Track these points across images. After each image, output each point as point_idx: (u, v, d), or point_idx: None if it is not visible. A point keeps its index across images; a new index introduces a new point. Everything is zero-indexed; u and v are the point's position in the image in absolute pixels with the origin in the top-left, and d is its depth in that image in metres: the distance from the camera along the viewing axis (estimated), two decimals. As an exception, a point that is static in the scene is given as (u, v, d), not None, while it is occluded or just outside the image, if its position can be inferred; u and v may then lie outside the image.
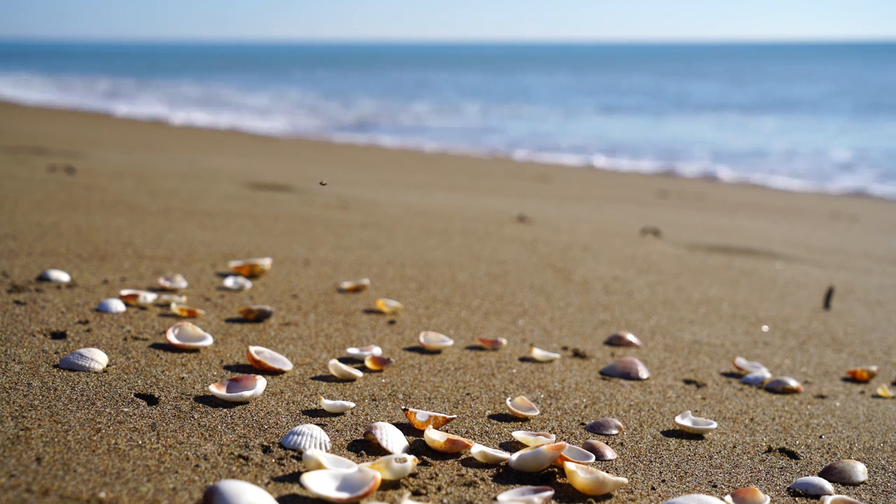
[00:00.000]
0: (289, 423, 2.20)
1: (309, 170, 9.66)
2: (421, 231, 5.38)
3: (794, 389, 2.87)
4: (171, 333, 2.70)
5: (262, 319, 3.13)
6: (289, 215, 5.59)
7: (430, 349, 2.98)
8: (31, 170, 6.84)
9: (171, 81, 39.05)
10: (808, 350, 3.44)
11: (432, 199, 7.39)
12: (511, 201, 7.85)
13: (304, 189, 7.21)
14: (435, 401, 2.50)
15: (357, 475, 1.84)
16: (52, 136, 11.34)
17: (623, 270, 4.64)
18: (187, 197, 6.00)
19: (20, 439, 1.93)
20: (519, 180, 10.65)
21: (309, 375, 2.61)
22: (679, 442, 2.35)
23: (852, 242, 6.88)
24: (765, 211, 9.14)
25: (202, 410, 2.22)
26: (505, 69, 61.33)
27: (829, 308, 4.18)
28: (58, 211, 4.89)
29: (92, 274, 3.56)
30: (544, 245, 5.22)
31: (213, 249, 4.24)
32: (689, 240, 6.03)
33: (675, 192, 10.42)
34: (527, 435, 2.21)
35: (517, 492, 1.88)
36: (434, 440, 2.09)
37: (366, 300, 3.57)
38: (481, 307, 3.64)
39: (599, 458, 2.17)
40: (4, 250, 3.79)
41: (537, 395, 2.63)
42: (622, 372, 2.88)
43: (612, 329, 3.48)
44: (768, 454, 2.31)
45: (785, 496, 2.06)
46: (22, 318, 2.85)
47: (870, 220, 8.85)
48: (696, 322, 3.71)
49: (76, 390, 2.26)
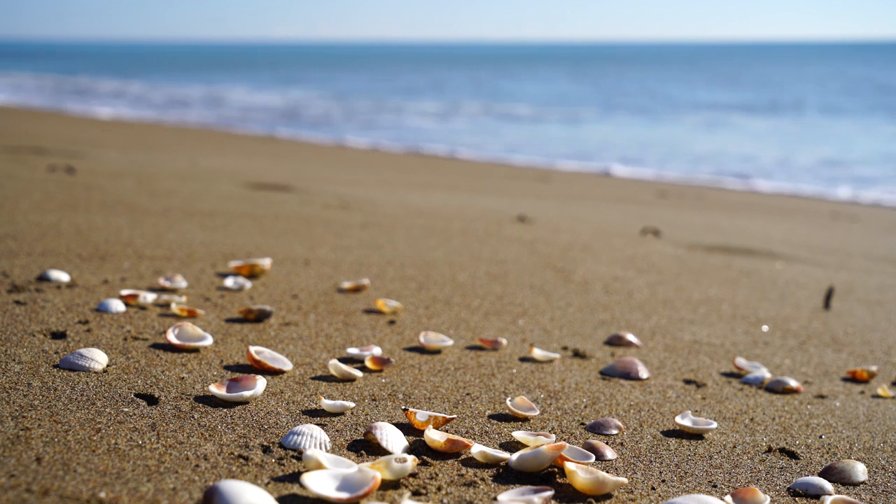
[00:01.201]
0: (289, 423, 2.20)
1: (309, 170, 9.66)
2: (421, 231, 5.38)
3: (794, 389, 2.87)
4: (171, 333, 2.70)
5: (262, 319, 3.13)
6: (289, 215, 5.59)
7: (430, 349, 2.98)
8: (31, 170, 6.84)
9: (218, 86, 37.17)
10: (808, 350, 3.44)
11: (432, 199, 7.40)
12: (511, 201, 7.85)
13: (304, 189, 7.21)
14: (435, 401, 2.50)
15: (357, 475, 1.84)
16: (52, 136, 11.34)
17: (623, 270, 4.64)
18: (187, 197, 6.00)
19: (20, 439, 1.93)
20: (519, 181, 10.64)
21: (309, 375, 2.61)
22: (679, 442, 2.35)
23: (852, 242, 6.88)
24: (765, 211, 9.14)
25: (202, 410, 2.22)
26: (506, 69, 61.32)
27: (829, 308, 4.18)
28: (58, 211, 4.89)
29: (92, 274, 3.56)
30: (544, 245, 5.22)
31: (213, 249, 4.24)
32: (689, 240, 6.03)
33: (675, 193, 10.41)
34: (527, 435, 2.21)
35: (517, 492, 1.88)
36: (434, 440, 2.09)
37: (366, 300, 3.57)
38: (481, 307, 3.64)
39: (599, 458, 2.17)
40: (4, 250, 3.79)
41: (537, 395, 2.63)
42: (622, 372, 2.88)
43: (612, 329, 3.48)
44: (768, 454, 2.31)
45: (785, 496, 2.06)
46: (22, 318, 2.85)
47: (870, 220, 8.85)
48: (696, 322, 3.71)
49: (76, 390, 2.26)
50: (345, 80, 44.31)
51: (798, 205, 10.22)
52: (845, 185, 12.88)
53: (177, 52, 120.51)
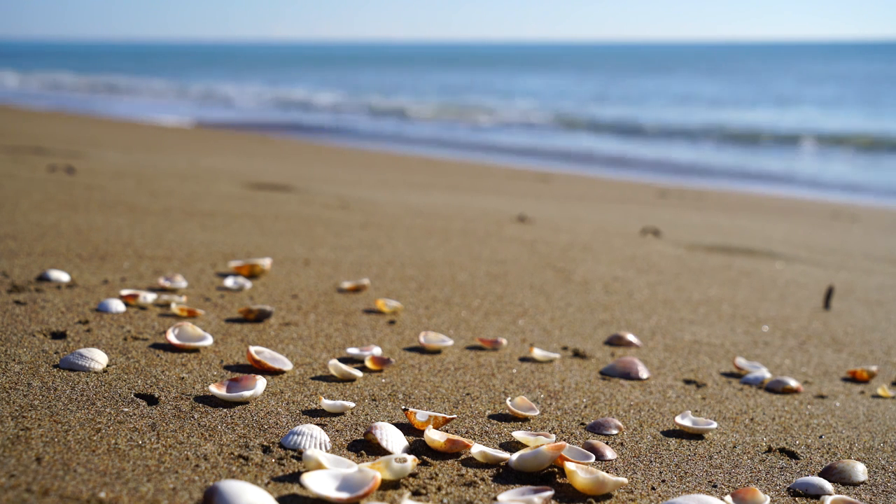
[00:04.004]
0: (289, 423, 2.20)
1: (309, 170, 9.66)
2: (421, 231, 5.38)
3: (794, 389, 2.87)
4: (171, 333, 2.70)
5: (262, 319, 3.13)
6: (289, 215, 5.59)
7: (430, 349, 2.98)
8: (31, 170, 6.84)
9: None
10: (808, 350, 3.44)
11: (432, 199, 7.40)
12: (511, 201, 7.85)
13: (304, 189, 7.21)
14: (435, 401, 2.50)
15: (357, 475, 1.84)
16: (52, 136, 11.34)
17: (623, 270, 4.64)
18: (187, 197, 6.00)
19: (20, 439, 1.93)
20: (519, 181, 10.64)
21: (309, 375, 2.61)
22: (679, 442, 2.35)
23: (852, 242, 6.88)
24: (765, 211, 9.14)
25: (202, 410, 2.22)
26: (506, 69, 61.30)
27: (829, 308, 4.18)
28: (58, 211, 4.89)
29: (92, 274, 3.56)
30: (544, 245, 5.22)
31: (213, 249, 4.24)
32: (689, 240, 6.03)
33: (675, 193, 10.41)
34: (527, 435, 2.21)
35: (517, 492, 1.88)
36: (434, 440, 2.09)
37: (366, 300, 3.57)
38: (481, 307, 3.64)
39: (599, 458, 2.17)
40: (4, 250, 3.79)
41: (537, 395, 2.63)
42: (622, 372, 2.88)
43: (612, 329, 3.48)
44: (768, 454, 2.31)
45: (785, 496, 2.06)
46: (22, 318, 2.85)
47: (870, 220, 8.85)
48: (696, 322, 3.71)
49: (76, 390, 2.26)
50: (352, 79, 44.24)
51: (798, 205, 10.22)
52: (846, 184, 12.86)
53: (176, 52, 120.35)
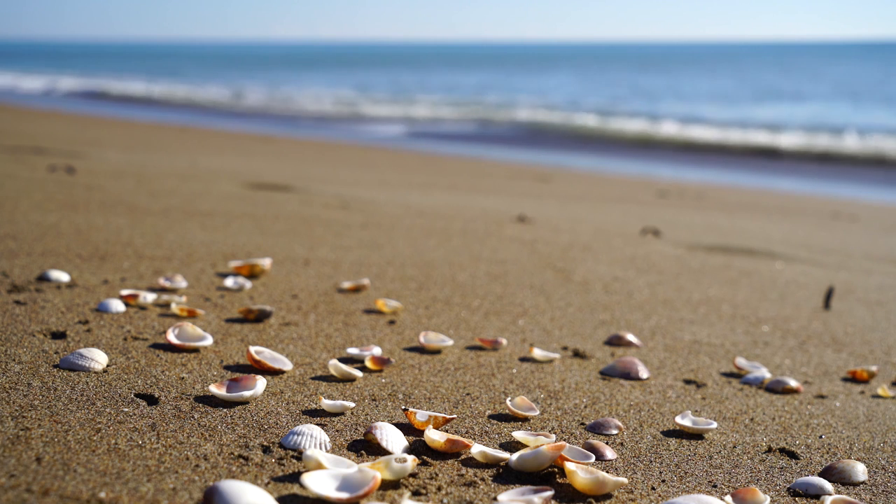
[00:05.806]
0: (289, 423, 2.20)
1: (309, 170, 9.66)
2: (421, 231, 5.38)
3: (794, 389, 2.87)
4: (171, 333, 2.70)
5: (262, 319, 3.13)
6: (289, 215, 5.59)
7: (430, 349, 2.98)
8: (31, 170, 6.84)
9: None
10: (808, 350, 3.44)
11: (432, 199, 7.40)
12: (511, 201, 7.85)
13: (303, 189, 7.21)
14: (435, 401, 2.50)
15: (357, 475, 1.84)
16: (52, 136, 11.34)
17: (623, 270, 4.64)
18: (187, 197, 6.00)
19: (20, 439, 1.93)
20: (519, 180, 10.64)
21: (309, 375, 2.61)
22: (679, 442, 2.35)
23: (852, 242, 6.88)
24: (765, 211, 9.14)
25: (202, 410, 2.22)
26: (507, 69, 61.30)
27: (829, 308, 4.18)
28: (58, 211, 4.89)
29: (92, 274, 3.56)
30: (544, 245, 5.22)
31: (213, 249, 4.24)
32: (689, 240, 6.03)
33: (675, 193, 10.41)
34: (527, 435, 2.21)
35: (517, 492, 1.88)
36: (434, 440, 2.09)
37: (366, 300, 3.57)
38: (481, 307, 3.64)
39: (599, 458, 2.17)
40: (4, 250, 3.79)
41: (537, 395, 2.63)
42: (622, 372, 2.88)
43: (612, 329, 3.48)
44: (768, 454, 2.31)
45: (785, 496, 2.06)
46: (22, 318, 2.85)
47: (870, 220, 8.85)
48: (696, 322, 3.71)
49: (76, 390, 2.26)
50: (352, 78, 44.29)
51: (798, 205, 10.22)
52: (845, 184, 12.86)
53: (177, 52, 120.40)
